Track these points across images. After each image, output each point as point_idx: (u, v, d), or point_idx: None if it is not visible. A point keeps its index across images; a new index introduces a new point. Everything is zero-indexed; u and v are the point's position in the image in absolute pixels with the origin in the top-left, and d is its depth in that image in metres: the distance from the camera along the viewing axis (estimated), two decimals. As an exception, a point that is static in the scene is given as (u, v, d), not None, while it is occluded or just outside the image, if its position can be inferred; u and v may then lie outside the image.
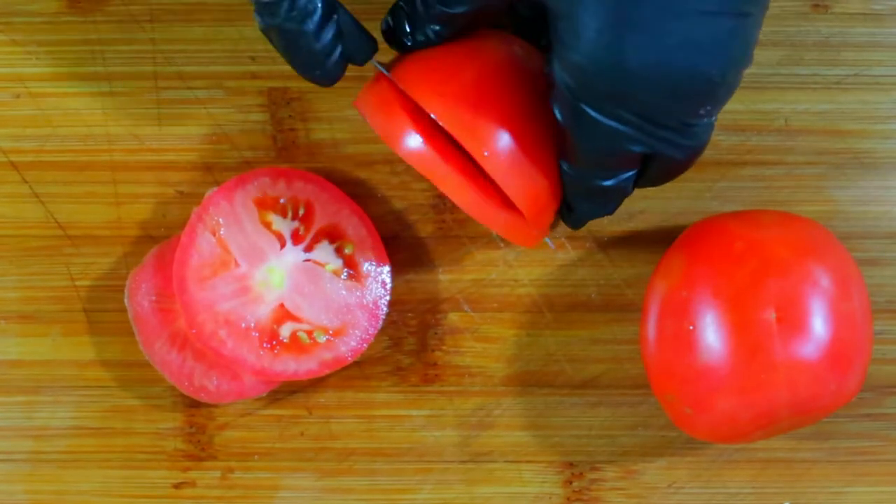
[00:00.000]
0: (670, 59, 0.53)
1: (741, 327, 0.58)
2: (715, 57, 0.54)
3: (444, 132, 0.59)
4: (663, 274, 0.61)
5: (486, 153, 0.58)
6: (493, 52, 0.59)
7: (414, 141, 0.58)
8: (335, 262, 0.64)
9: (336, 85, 0.66)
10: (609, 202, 0.60)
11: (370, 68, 0.62)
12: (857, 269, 0.61)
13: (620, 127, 0.55)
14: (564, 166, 0.59)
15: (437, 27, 0.58)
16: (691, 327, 0.59)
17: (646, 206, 0.65)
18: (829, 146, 0.66)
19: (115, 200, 0.66)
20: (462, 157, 0.60)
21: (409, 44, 0.59)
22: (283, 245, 0.64)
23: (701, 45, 0.53)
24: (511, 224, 0.60)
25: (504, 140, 0.58)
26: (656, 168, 0.58)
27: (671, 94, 0.54)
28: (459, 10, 0.57)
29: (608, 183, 0.58)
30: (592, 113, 0.55)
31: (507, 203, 0.60)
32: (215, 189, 0.64)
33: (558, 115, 0.56)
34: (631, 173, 0.58)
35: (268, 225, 0.64)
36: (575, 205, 0.60)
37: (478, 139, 0.58)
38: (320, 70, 0.58)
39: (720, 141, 0.65)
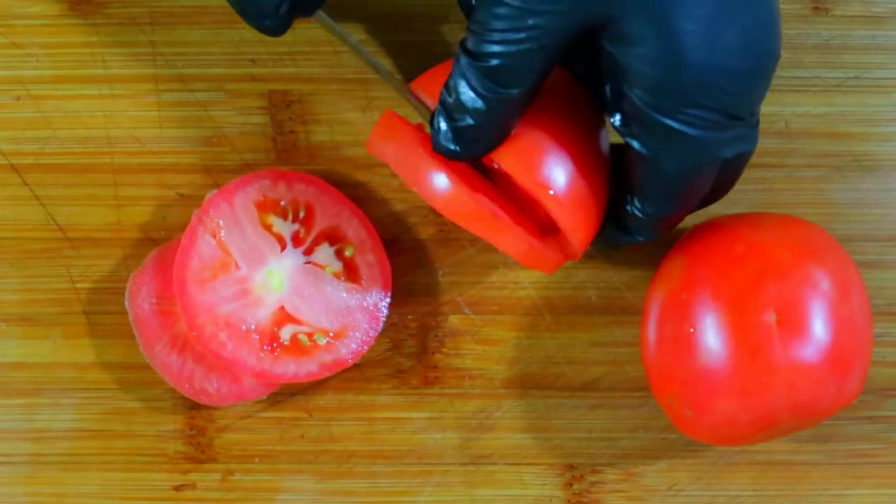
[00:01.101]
0: (750, 38, 0.55)
1: (741, 330, 0.58)
2: (775, 28, 0.56)
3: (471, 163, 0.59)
4: (663, 276, 0.61)
5: (551, 192, 0.58)
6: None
7: (446, 188, 0.58)
8: (335, 265, 0.64)
9: (336, 87, 0.66)
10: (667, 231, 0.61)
11: (369, 69, 0.62)
12: (857, 271, 0.61)
13: (706, 133, 0.55)
14: (638, 205, 0.59)
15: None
16: (691, 330, 0.59)
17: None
18: (829, 149, 0.66)
19: (116, 203, 0.66)
20: (489, 184, 0.59)
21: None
22: (283, 247, 0.64)
23: (765, 21, 0.55)
24: (542, 255, 0.60)
25: (564, 178, 0.58)
26: (732, 169, 0.58)
27: (752, 74, 0.55)
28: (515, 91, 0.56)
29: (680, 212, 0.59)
30: (676, 125, 0.55)
31: (527, 224, 0.59)
32: (216, 191, 0.64)
33: (639, 147, 0.56)
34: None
35: (268, 227, 0.64)
36: (628, 238, 0.61)
37: (541, 181, 0.57)
38: (270, 20, 0.58)
39: (720, 143, 0.65)
